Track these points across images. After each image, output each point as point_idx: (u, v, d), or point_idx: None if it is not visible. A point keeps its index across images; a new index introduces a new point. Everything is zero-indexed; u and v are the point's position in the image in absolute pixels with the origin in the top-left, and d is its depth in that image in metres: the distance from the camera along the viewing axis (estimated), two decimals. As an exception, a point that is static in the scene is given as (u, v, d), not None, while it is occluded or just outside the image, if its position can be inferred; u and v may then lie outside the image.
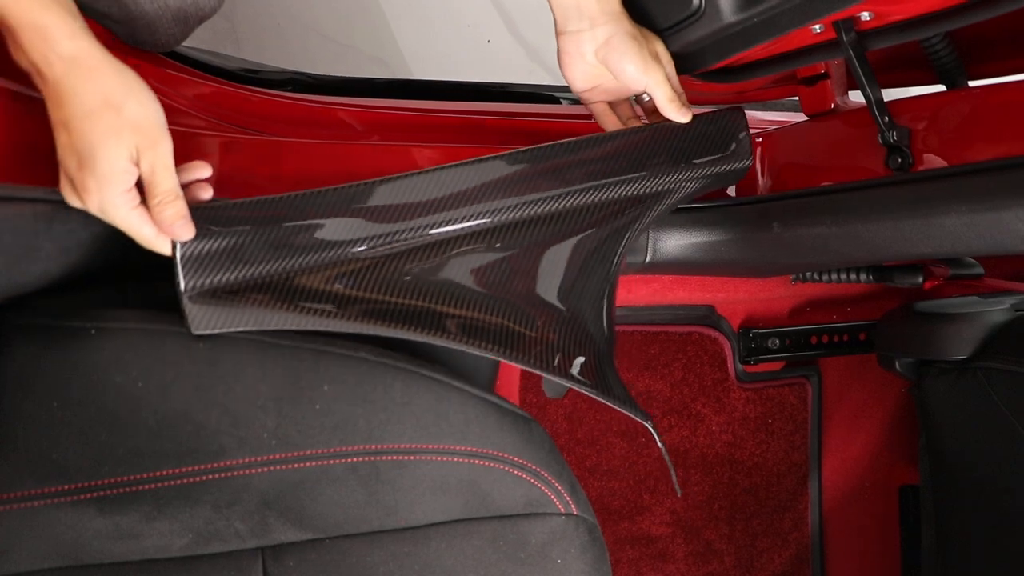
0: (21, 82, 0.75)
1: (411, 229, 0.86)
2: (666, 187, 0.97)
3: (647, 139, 0.96)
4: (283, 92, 1.11)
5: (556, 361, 0.93)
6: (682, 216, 1.09)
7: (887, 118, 0.90)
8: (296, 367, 0.83)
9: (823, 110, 1.03)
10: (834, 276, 1.29)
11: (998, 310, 1.20)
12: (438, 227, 0.87)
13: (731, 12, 0.84)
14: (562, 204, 0.92)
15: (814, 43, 0.91)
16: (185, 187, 0.77)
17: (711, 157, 0.98)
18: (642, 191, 0.96)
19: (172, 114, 0.82)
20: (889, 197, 0.91)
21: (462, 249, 0.90)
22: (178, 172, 0.75)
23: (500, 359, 0.90)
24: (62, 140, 0.71)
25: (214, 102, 1.02)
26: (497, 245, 0.91)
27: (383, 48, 1.97)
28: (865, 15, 0.83)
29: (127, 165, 0.72)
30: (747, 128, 1.01)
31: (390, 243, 0.86)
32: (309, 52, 1.90)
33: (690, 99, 1.16)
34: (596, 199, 0.94)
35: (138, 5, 0.84)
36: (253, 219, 0.81)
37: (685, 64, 0.97)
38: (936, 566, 1.31)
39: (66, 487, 0.76)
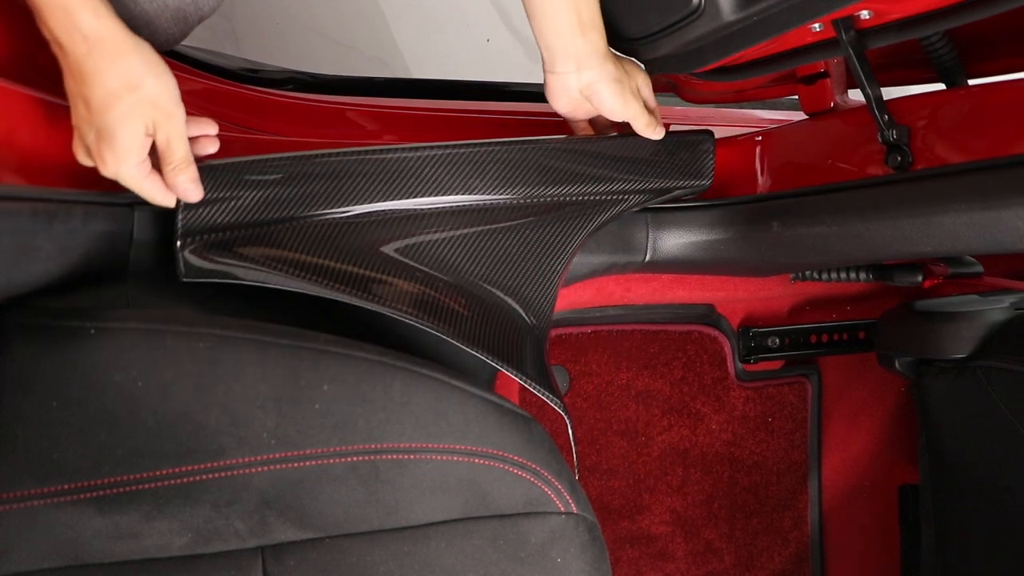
0: (21, 80, 0.76)
1: (390, 199, 0.93)
2: (623, 194, 1.02)
3: (615, 148, 1.01)
4: (283, 91, 1.11)
5: (474, 331, 0.96)
6: (681, 215, 1.09)
7: (887, 116, 0.90)
8: (296, 366, 0.83)
9: (822, 109, 1.03)
10: (834, 275, 1.29)
11: (997, 309, 1.20)
12: (411, 199, 0.94)
13: (731, 11, 0.84)
14: (524, 197, 0.98)
15: (813, 42, 0.91)
16: (193, 140, 0.83)
17: (672, 172, 1.04)
18: (601, 196, 1.02)
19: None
20: (888, 196, 0.91)
21: (421, 227, 0.96)
22: (187, 126, 0.81)
23: (432, 330, 0.93)
24: (80, 112, 0.75)
25: (214, 101, 1.02)
26: (452, 227, 0.97)
27: (383, 47, 1.97)
28: (864, 13, 0.83)
29: (144, 140, 0.77)
30: (713, 150, 1.05)
31: (371, 210, 0.92)
32: (309, 52, 1.90)
33: (690, 98, 1.17)
34: (555, 197, 0.99)
35: (137, 4, 0.84)
36: (250, 178, 0.87)
37: (685, 63, 0.97)
38: (936, 565, 1.31)
39: (66, 487, 0.76)
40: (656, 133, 1.01)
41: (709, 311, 1.36)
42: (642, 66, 1.01)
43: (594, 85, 0.95)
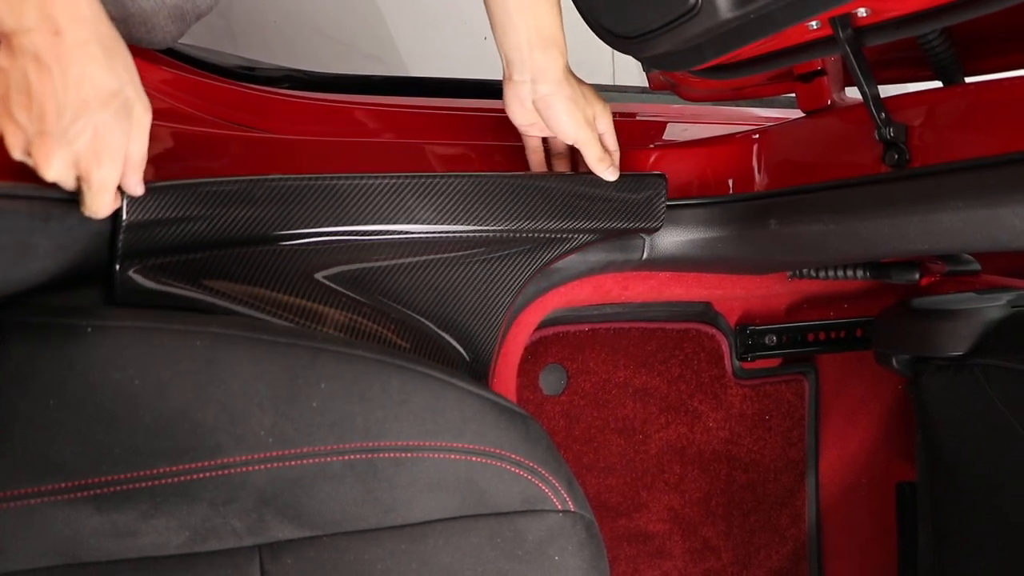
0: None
1: (338, 232, 0.93)
2: (572, 233, 1.03)
3: (567, 185, 1.01)
4: (279, 89, 1.11)
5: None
6: (679, 212, 1.09)
7: (884, 114, 0.90)
8: (293, 365, 0.83)
9: (820, 107, 1.03)
10: (831, 273, 1.29)
11: (995, 306, 1.20)
12: (356, 226, 0.93)
13: (727, 8, 0.84)
14: (470, 231, 0.98)
15: (811, 39, 0.91)
16: None
17: (623, 214, 1.04)
18: (550, 234, 1.02)
19: (168, 111, 0.82)
20: (886, 193, 0.91)
21: (364, 256, 0.96)
22: None
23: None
24: (73, 109, 0.69)
25: (210, 99, 1.02)
26: (395, 256, 0.97)
27: (380, 45, 1.97)
28: (861, 11, 0.83)
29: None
30: (665, 195, 1.06)
31: (315, 237, 0.92)
32: (306, 49, 1.90)
33: (687, 96, 1.17)
34: (503, 233, 0.99)
35: (135, 2, 0.84)
36: (194, 200, 0.85)
37: (682, 61, 0.97)
38: (933, 562, 1.32)
39: (63, 485, 0.76)
40: (608, 172, 1.00)
41: (706, 309, 1.36)
42: (604, 99, 1.00)
43: (547, 99, 0.95)
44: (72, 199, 0.78)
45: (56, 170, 0.72)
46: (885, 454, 1.50)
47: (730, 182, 1.12)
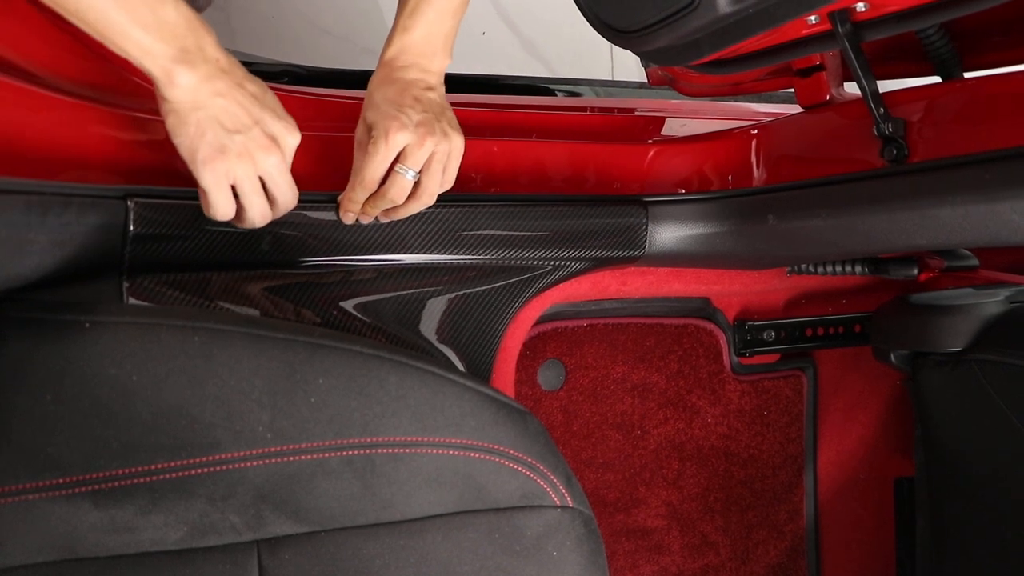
0: (12, 71, 0.75)
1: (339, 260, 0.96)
2: (562, 261, 1.08)
3: (552, 216, 1.06)
4: (278, 84, 1.10)
5: None
6: (678, 208, 1.09)
7: (882, 109, 0.90)
8: (291, 360, 0.83)
9: (818, 102, 1.03)
10: (829, 268, 1.29)
11: (993, 302, 1.21)
12: (347, 256, 0.97)
13: (726, 3, 0.83)
14: (464, 259, 1.03)
15: (809, 34, 0.91)
16: None
17: (607, 243, 1.09)
18: (541, 262, 1.07)
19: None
20: (884, 189, 0.91)
21: (363, 287, 0.99)
22: None
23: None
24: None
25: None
26: (394, 288, 1.00)
27: (378, 40, 1.96)
28: (860, 6, 0.83)
29: None
30: (646, 222, 1.09)
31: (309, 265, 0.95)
32: (303, 44, 1.89)
33: (686, 91, 1.16)
34: (496, 260, 1.04)
35: (132, -3, 0.83)
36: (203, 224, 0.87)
37: (681, 56, 0.97)
38: (931, 557, 1.32)
39: (61, 480, 0.76)
40: (345, 215, 0.93)
41: (705, 304, 1.36)
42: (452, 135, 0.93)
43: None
44: (69, 193, 0.78)
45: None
46: (883, 449, 1.50)
47: (728, 177, 1.12)
